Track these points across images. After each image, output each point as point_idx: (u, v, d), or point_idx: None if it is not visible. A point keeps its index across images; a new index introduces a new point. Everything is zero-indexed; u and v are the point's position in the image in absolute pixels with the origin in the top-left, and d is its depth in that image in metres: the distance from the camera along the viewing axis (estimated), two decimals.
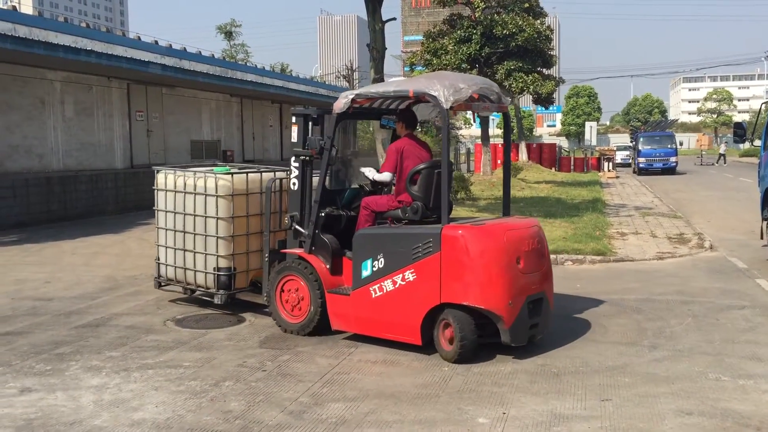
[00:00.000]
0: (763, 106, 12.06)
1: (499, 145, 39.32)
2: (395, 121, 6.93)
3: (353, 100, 6.43)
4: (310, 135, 6.78)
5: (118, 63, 16.84)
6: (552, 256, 10.42)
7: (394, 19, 14.88)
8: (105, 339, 6.58)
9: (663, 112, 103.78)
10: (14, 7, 16.26)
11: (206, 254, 7.45)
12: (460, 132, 61.94)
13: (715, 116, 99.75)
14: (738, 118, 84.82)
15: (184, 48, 20.66)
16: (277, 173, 7.61)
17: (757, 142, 11.81)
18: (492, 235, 5.93)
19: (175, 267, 7.80)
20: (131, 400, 4.97)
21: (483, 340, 5.86)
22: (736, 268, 10.16)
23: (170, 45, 19.98)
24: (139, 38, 19.06)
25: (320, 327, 6.53)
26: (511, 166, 7.22)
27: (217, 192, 7.30)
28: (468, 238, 5.80)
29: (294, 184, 6.90)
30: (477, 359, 5.85)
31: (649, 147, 38.15)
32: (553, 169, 36.90)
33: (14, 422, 4.59)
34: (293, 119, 6.93)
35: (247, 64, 36.29)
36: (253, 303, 7.70)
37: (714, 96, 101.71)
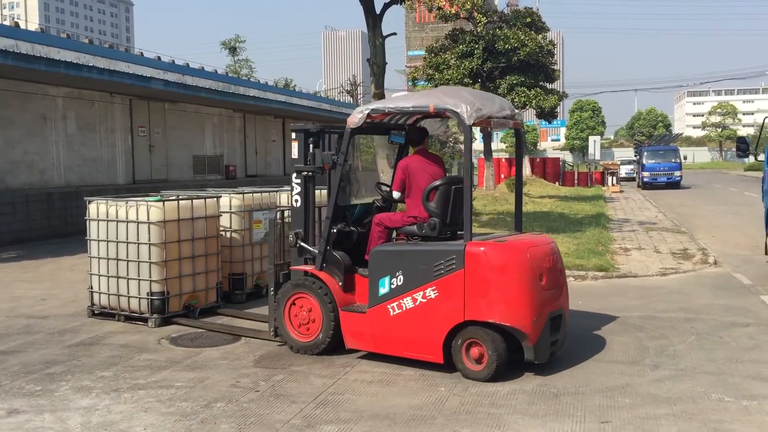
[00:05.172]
0: (767, 120, 11.94)
1: (503, 160, 39.28)
2: (406, 138, 6.82)
3: (369, 115, 6.31)
4: (310, 151, 6.68)
5: (119, 79, 16.87)
6: None
7: (395, 34, 14.86)
8: (97, 358, 6.48)
9: (667, 126, 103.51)
10: (17, 24, 16.33)
11: (139, 280, 7.73)
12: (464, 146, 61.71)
13: (719, 130, 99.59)
14: (742, 132, 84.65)
15: (187, 63, 20.72)
16: (221, 199, 7.93)
17: (761, 157, 11.71)
18: (517, 252, 5.87)
19: (109, 294, 8.02)
20: (119, 423, 4.87)
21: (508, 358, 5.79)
22: (741, 284, 10.02)
23: (173, 61, 20.05)
24: (141, 54, 19.12)
25: (331, 346, 6.38)
26: (523, 182, 7.11)
27: (149, 219, 7.62)
28: (493, 254, 5.75)
29: (297, 200, 6.76)
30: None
31: (653, 161, 38.08)
32: (557, 183, 36.77)
33: None
34: (293, 135, 6.84)
35: (251, 79, 36.41)
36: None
37: (718, 110, 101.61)
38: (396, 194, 6.58)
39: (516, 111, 6.54)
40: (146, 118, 20.54)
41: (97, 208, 8.08)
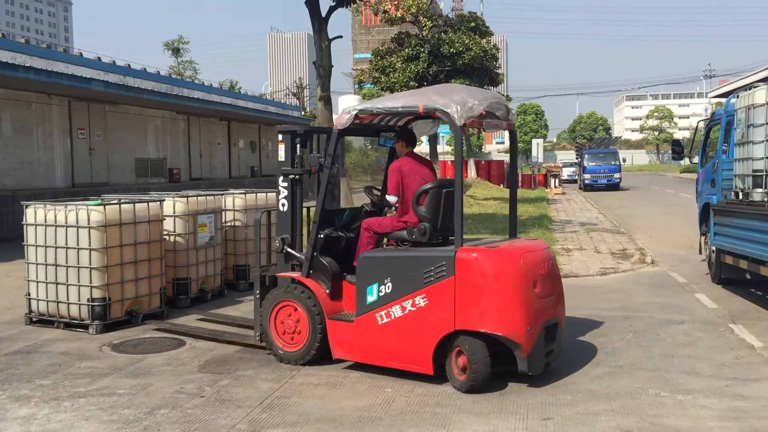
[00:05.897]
0: (701, 123, 12.38)
1: (449, 163, 39.64)
2: (395, 141, 6.67)
3: (356, 116, 6.13)
4: (297, 153, 6.52)
5: (58, 80, 16.44)
6: None
7: (341, 37, 14.87)
8: (36, 366, 6.32)
9: (607, 130, 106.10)
10: None
11: (79, 286, 7.56)
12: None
13: (656, 133, 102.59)
14: (678, 135, 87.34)
15: (128, 64, 20.33)
16: (165, 203, 7.76)
17: (696, 159, 12.11)
18: (509, 259, 5.65)
19: (48, 301, 7.82)
20: (59, 431, 4.77)
21: (495, 369, 5.58)
22: (677, 282, 10.37)
23: (114, 61, 19.64)
24: (81, 54, 18.67)
25: (319, 356, 6.19)
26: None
27: (89, 223, 7.46)
28: (485, 261, 5.52)
29: (283, 205, 6.54)
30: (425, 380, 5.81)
31: (594, 163, 39.05)
32: (502, 185, 37.25)
33: None
34: (279, 137, 6.60)
35: (195, 81, 35.90)
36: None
37: (655, 114, 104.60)
38: (393, 198, 6.29)
39: (512, 110, 6.36)
40: (86, 120, 20.05)
41: (35, 212, 7.86)
